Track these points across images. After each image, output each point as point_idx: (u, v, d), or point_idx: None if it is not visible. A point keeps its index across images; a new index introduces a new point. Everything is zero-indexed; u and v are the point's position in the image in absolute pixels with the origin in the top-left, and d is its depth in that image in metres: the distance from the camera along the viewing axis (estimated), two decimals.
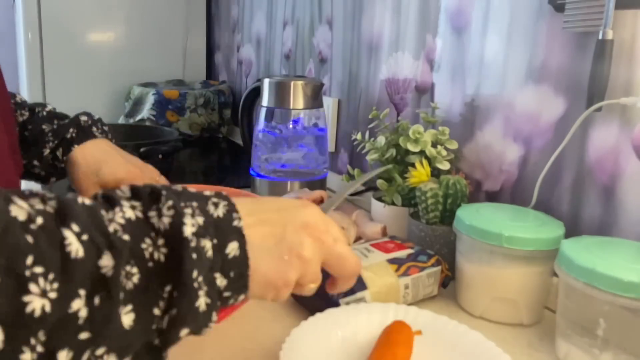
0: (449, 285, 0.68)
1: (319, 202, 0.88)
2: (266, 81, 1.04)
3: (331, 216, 0.82)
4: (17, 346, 0.26)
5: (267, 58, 1.58)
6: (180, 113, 1.69)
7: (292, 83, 1.01)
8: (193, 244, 0.33)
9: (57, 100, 1.79)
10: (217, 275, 0.34)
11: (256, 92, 1.11)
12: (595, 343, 0.52)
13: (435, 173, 0.81)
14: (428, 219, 0.73)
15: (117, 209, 0.32)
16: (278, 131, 1.06)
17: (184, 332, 0.33)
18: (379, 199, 0.87)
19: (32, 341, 0.27)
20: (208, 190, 0.38)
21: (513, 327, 0.63)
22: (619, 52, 0.62)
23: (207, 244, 0.33)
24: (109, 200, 0.33)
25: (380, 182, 0.85)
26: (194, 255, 0.32)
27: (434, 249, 0.72)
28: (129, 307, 0.30)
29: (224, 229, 0.35)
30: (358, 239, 0.81)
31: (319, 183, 1.06)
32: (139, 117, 1.68)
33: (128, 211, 0.32)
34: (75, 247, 0.28)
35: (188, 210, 0.34)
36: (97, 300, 0.29)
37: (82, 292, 0.28)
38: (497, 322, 0.63)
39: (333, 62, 1.23)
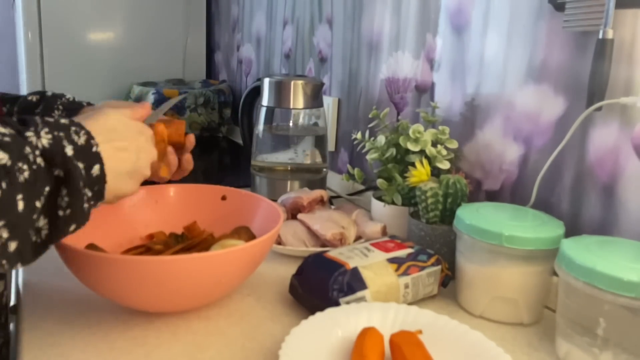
0: (449, 285, 0.68)
1: (319, 201, 0.88)
2: (266, 80, 1.04)
3: (332, 216, 0.82)
4: None
5: (267, 57, 1.58)
6: (180, 112, 1.69)
7: (292, 82, 1.01)
8: (74, 162, 0.45)
9: None
10: (87, 189, 0.47)
11: (256, 92, 1.10)
12: (595, 342, 0.52)
13: (435, 172, 0.81)
14: (428, 219, 0.73)
15: None
16: (278, 130, 1.06)
17: (72, 227, 0.46)
18: (379, 199, 0.87)
19: None
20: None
21: (513, 327, 0.63)
22: (619, 51, 0.61)
23: (80, 165, 0.46)
24: None
25: (380, 182, 0.85)
26: (77, 172, 0.45)
27: (434, 248, 0.72)
28: (21, 195, 0.40)
29: (88, 154, 0.47)
30: (358, 238, 0.81)
31: (319, 182, 1.06)
32: None
33: (5, 129, 0.42)
34: None
35: (62, 134, 0.45)
36: (3, 185, 0.39)
37: None
38: (497, 321, 0.64)
39: (333, 61, 1.23)
